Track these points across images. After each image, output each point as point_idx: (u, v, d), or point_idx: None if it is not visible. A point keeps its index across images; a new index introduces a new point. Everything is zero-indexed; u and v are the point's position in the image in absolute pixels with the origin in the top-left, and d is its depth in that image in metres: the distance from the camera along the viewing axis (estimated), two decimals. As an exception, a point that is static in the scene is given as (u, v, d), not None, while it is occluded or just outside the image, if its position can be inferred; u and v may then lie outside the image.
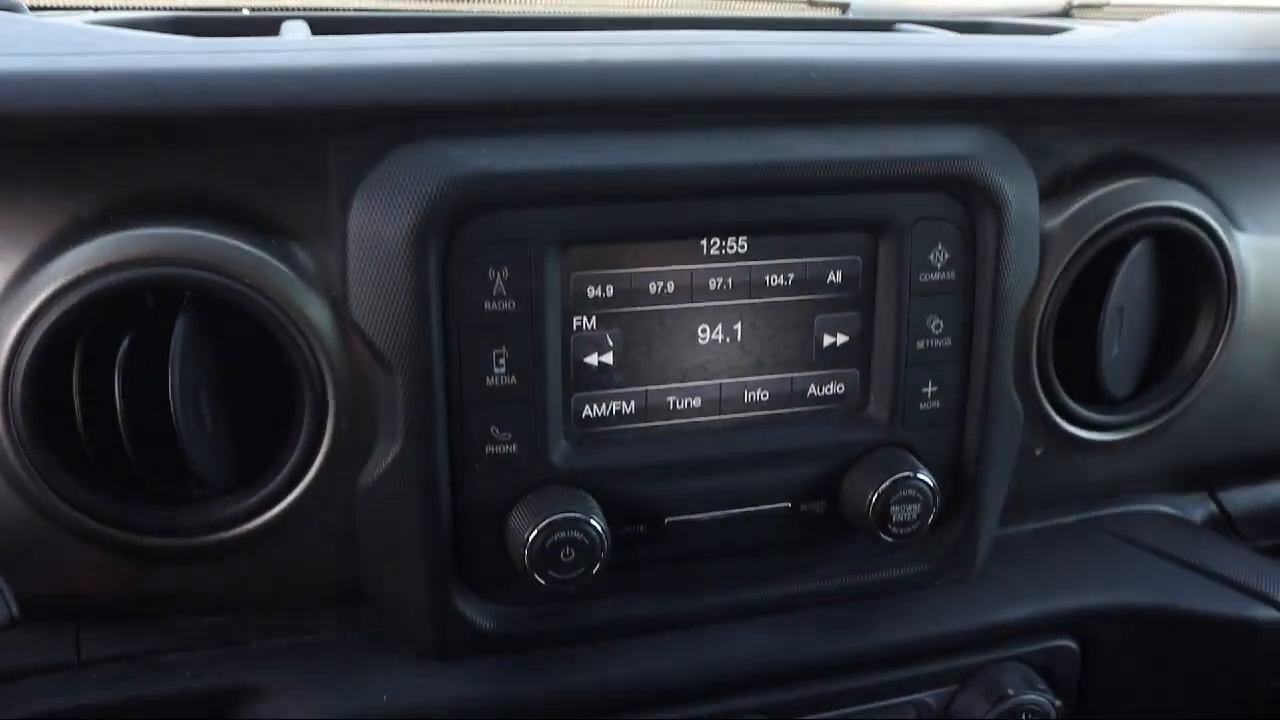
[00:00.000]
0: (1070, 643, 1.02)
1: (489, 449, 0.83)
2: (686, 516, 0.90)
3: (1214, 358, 1.06)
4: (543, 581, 0.82)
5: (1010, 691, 0.97)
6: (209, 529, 0.83)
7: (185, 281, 0.77)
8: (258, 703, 0.85)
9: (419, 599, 0.86)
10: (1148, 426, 1.07)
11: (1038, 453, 1.04)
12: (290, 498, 0.84)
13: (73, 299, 0.75)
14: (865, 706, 0.96)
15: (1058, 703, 0.98)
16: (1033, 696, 0.97)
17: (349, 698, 0.85)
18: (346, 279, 0.80)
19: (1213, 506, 1.20)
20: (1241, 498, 1.22)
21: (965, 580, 1.00)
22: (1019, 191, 0.90)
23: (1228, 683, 1.11)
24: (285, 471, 0.83)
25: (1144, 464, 1.11)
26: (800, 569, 0.96)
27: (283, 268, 0.80)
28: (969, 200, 0.89)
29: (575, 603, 0.90)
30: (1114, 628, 1.03)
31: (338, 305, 0.81)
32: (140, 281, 0.76)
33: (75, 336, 0.78)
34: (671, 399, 0.89)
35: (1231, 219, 1.04)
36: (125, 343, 0.78)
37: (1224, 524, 1.21)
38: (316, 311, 0.81)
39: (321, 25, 1.19)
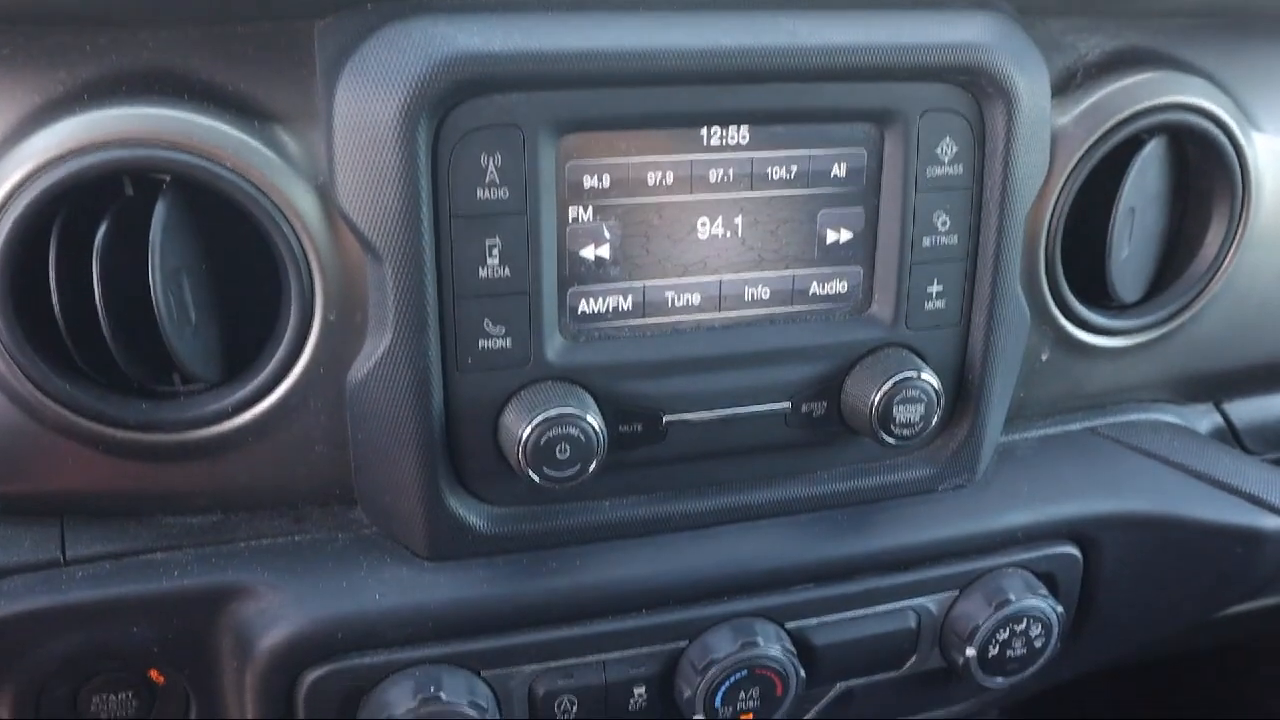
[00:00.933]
0: (1072, 549, 1.01)
1: (482, 343, 0.81)
2: (684, 416, 0.87)
3: (1225, 263, 1.04)
4: (538, 479, 0.80)
5: (1011, 597, 0.95)
6: (193, 425, 0.81)
7: (164, 165, 0.74)
8: (247, 601, 0.83)
9: (411, 499, 0.84)
10: (1155, 333, 1.05)
11: (1043, 357, 1.01)
12: (277, 393, 0.81)
13: (46, 182, 0.72)
14: (865, 611, 0.95)
15: (1059, 608, 0.97)
16: (1034, 602, 0.96)
17: (340, 597, 0.83)
18: (333, 164, 0.77)
19: (1218, 418, 1.18)
20: (1247, 409, 1.20)
21: (967, 486, 0.98)
22: (1031, 83, 0.86)
23: (1230, 591, 1.10)
24: (271, 366, 0.81)
25: (1150, 372, 1.09)
26: (800, 472, 0.94)
27: (267, 151, 0.76)
28: (979, 91, 0.86)
29: (571, 504, 0.88)
30: (1116, 535, 1.02)
31: (324, 192, 0.78)
32: (116, 164, 0.73)
33: (51, 223, 0.76)
34: (670, 295, 0.86)
35: (1249, 118, 1.01)
36: (103, 228, 0.75)
37: (1229, 436, 1.19)
38: (302, 198, 0.78)
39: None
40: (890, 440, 0.89)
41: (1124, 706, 2.92)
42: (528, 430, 0.80)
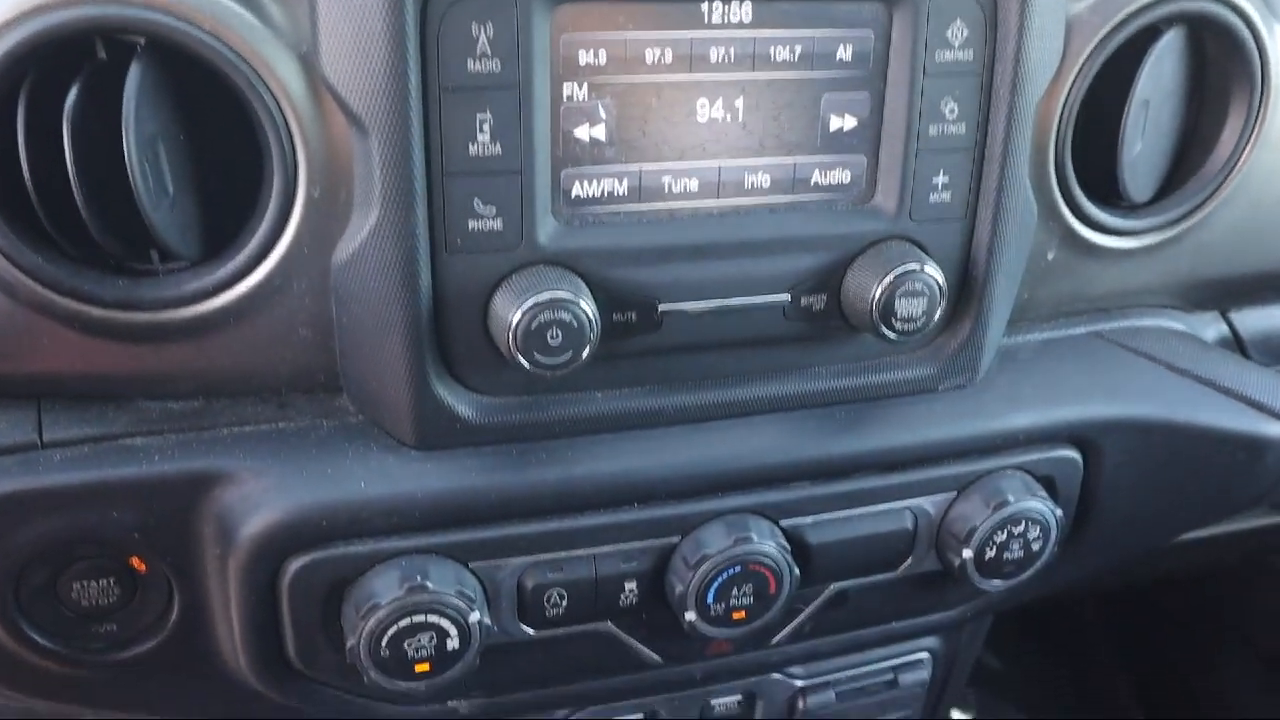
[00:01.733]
0: (1073, 453, 0.99)
1: (471, 224, 0.78)
2: (680, 305, 0.85)
3: (1239, 163, 1.01)
4: (528, 365, 0.78)
5: (1010, 499, 0.93)
6: (172, 304, 0.78)
7: (137, 25, 0.71)
8: (229, 488, 0.81)
9: (397, 386, 0.81)
10: (1165, 235, 1.02)
11: (1049, 256, 0.99)
12: (259, 273, 0.79)
13: (11, 41, 0.69)
14: (861, 510, 0.93)
15: (1058, 512, 0.95)
16: (1033, 504, 0.94)
17: (325, 484, 0.81)
18: (317, 30, 0.73)
19: (1224, 327, 1.16)
20: (1253, 319, 1.17)
21: (968, 386, 0.96)
22: None
23: (1231, 498, 1.09)
24: (253, 244, 0.78)
25: (1158, 276, 1.07)
26: (798, 368, 0.92)
27: (247, 15, 0.73)
28: (993, -28, 0.82)
29: (562, 395, 0.86)
30: (1118, 439, 1.00)
31: (308, 60, 0.75)
32: (87, 22, 0.70)
33: (18, 88, 0.72)
34: (667, 180, 0.83)
35: (1271, 9, 0.97)
36: (74, 91, 0.72)
37: (1234, 346, 1.17)
38: (285, 66, 0.74)
39: None
40: (891, 335, 0.86)
41: (1113, 634, 2.94)
42: (518, 315, 0.77)
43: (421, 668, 0.82)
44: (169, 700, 0.93)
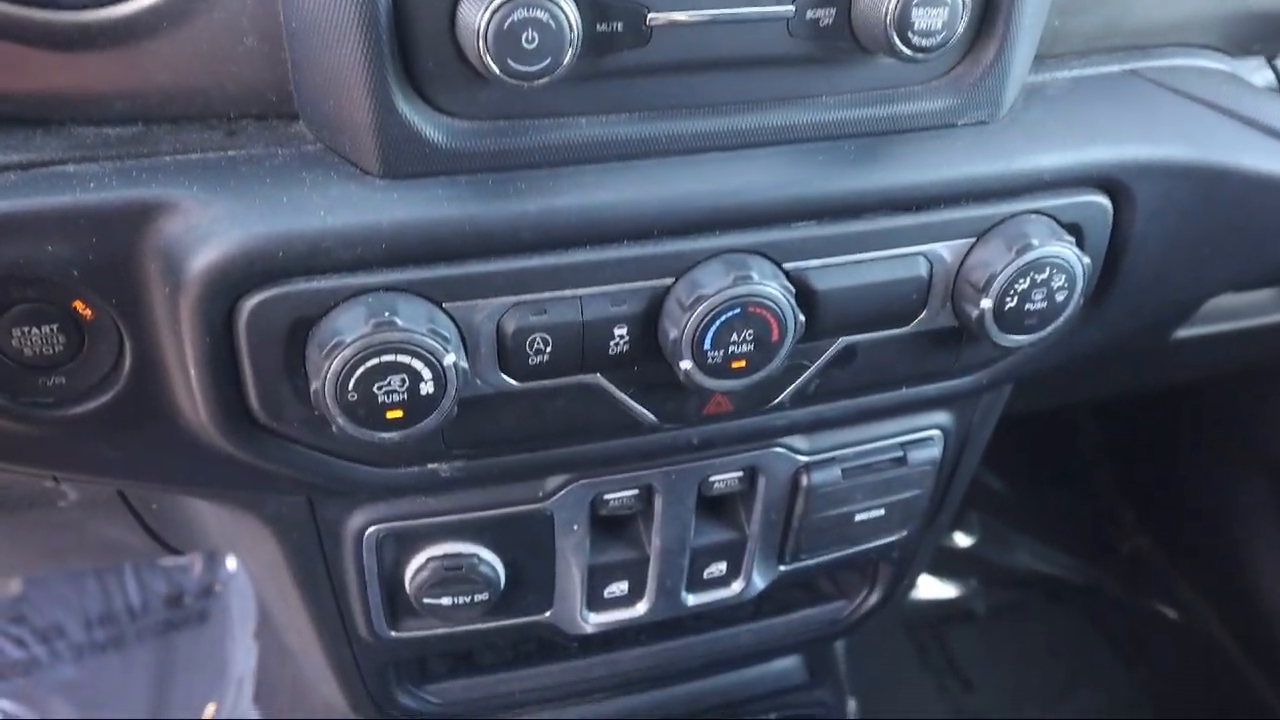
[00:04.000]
0: (1102, 199, 0.91)
1: (432, -94, 0.68)
2: (672, 15, 0.75)
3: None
4: (500, 73, 0.69)
5: (1034, 242, 0.86)
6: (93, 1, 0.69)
7: None
8: (174, 218, 0.73)
9: (357, 103, 0.73)
10: (1211, -44, 0.92)
11: (1083, -24, 0.89)
12: (194, -36, 0.70)
13: None
14: (872, 255, 0.85)
15: (1085, 259, 0.88)
16: (1059, 249, 0.86)
17: (280, 213, 0.73)
18: None
19: (1270, 75, 1.06)
20: (1301, 67, 1.08)
21: (991, 122, 0.87)
22: None
23: (1269, 251, 1.01)
24: (184, -71, 0.69)
25: (1202, 7, 0.97)
26: (804, 95, 0.83)
27: None
28: None
29: (541, 120, 0.77)
30: (1152, 184, 0.91)
31: None
32: None
33: None
34: None
35: None
36: None
37: None
38: None
39: None
40: (906, 51, 0.77)
41: (1113, 452, 2.92)
42: (488, 13, 0.68)
43: (393, 414, 0.76)
44: (130, 463, 0.87)
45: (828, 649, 2.04)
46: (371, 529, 0.98)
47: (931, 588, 2.78)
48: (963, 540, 2.87)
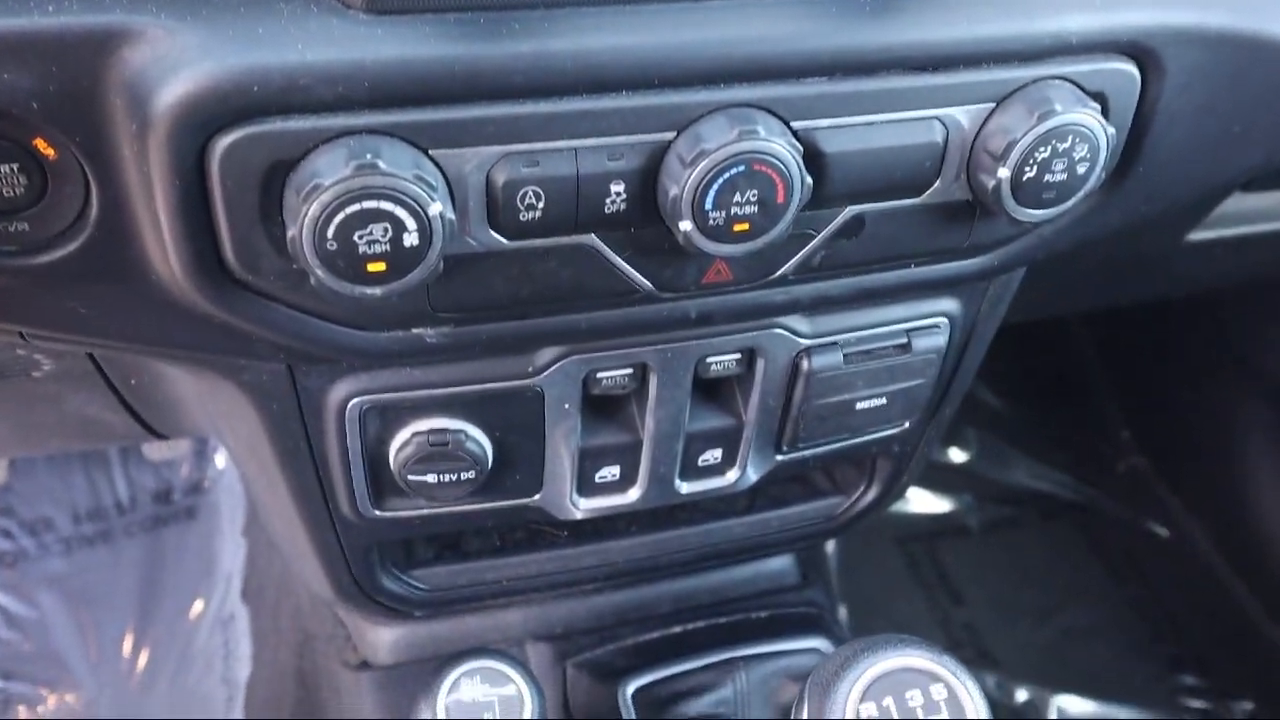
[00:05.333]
0: (1130, 67, 0.85)
1: None
2: None
3: None
4: None
5: (1058, 108, 0.81)
6: None
7: None
8: (140, 47, 0.68)
9: (339, -72, 0.68)
10: None
11: None
12: None
13: None
14: (885, 116, 0.80)
15: (1110, 129, 0.83)
16: (1084, 117, 0.81)
17: (254, 46, 0.68)
18: None
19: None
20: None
21: (1016, -21, 0.82)
22: None
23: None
24: None
25: None
26: (819, -61, 0.77)
27: None
28: None
29: None
30: (1183, 53, 0.86)
31: None
32: None
33: None
34: None
35: None
36: None
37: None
38: None
39: None
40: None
41: (1108, 367, 2.90)
42: None
43: (375, 267, 0.71)
44: (99, 321, 0.83)
45: (820, 555, 2.03)
46: (355, 401, 0.94)
47: (925, 502, 2.77)
48: (958, 456, 2.85)
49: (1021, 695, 2.44)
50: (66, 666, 2.22)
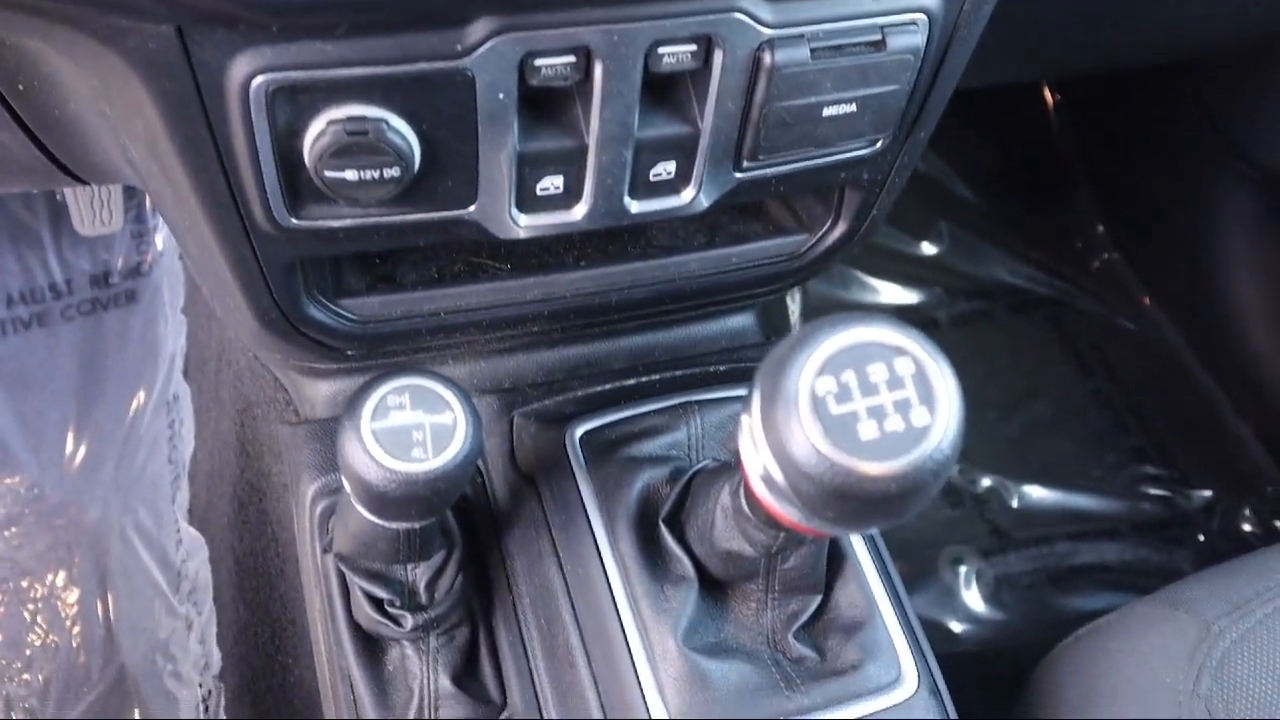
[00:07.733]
0: None
1: None
2: None
3: None
4: None
5: None
6: None
7: None
8: None
9: None
10: None
11: None
12: None
13: None
14: None
15: None
16: None
17: None
18: None
19: None
20: None
21: None
22: None
23: None
24: None
25: None
26: None
27: None
28: None
29: None
30: None
31: None
32: None
33: None
34: None
35: None
36: None
37: None
38: None
39: None
40: None
41: (1082, 150, 2.81)
42: None
43: None
44: None
45: (782, 318, 1.96)
46: (260, 79, 0.83)
47: (894, 293, 2.71)
48: (929, 249, 2.78)
49: (985, 483, 2.43)
50: (8, 450, 2.15)
